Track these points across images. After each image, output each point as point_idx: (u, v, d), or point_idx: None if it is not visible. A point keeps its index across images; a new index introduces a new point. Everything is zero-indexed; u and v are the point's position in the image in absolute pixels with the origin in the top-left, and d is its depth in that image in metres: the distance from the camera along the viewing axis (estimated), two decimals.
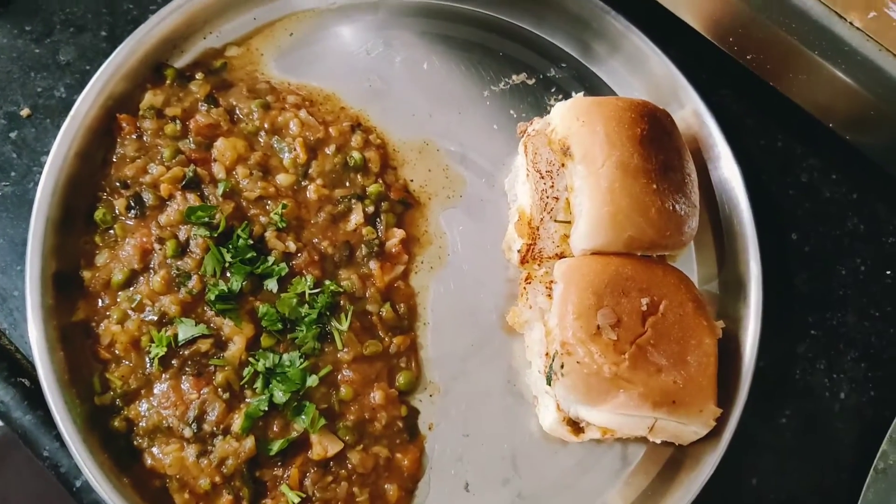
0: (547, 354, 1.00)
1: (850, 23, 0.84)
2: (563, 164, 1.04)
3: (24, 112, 1.16)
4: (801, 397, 1.12)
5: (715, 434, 0.99)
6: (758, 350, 1.04)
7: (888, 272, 1.18)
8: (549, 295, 1.02)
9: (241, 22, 1.21)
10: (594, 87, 1.24)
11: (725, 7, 0.95)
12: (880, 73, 0.83)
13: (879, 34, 0.82)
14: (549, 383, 0.98)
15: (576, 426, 1.00)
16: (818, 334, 1.15)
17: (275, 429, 0.98)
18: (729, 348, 1.06)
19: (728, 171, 1.13)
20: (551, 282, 1.02)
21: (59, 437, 0.97)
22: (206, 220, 1.04)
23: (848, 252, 1.19)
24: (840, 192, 1.22)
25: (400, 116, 1.20)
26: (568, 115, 1.04)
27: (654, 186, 0.99)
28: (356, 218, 1.10)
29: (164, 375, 0.99)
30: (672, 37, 1.16)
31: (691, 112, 1.16)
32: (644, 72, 1.20)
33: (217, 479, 0.95)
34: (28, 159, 1.14)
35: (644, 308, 0.96)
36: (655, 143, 1.02)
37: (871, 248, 1.19)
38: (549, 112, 1.11)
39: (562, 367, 0.95)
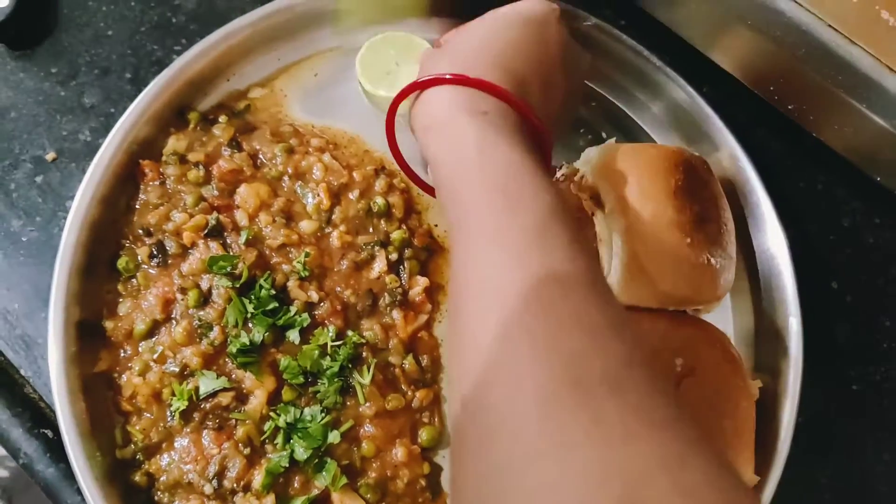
0: None
1: None
2: (592, 213, 1.01)
3: (50, 156, 1.16)
4: (841, 458, 1.07)
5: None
6: (798, 407, 1.00)
7: None
8: None
9: (264, 62, 1.20)
10: (624, 126, 1.20)
11: (765, 55, 0.91)
12: None
13: None
14: None
15: None
16: (861, 389, 1.10)
17: (296, 486, 0.96)
18: (766, 405, 1.01)
19: (767, 217, 1.09)
20: None
21: (80, 491, 0.96)
22: (229, 269, 1.02)
23: (892, 302, 1.13)
24: (884, 238, 1.16)
25: (423, 160, 1.17)
26: (599, 163, 1.01)
27: (689, 240, 0.95)
28: (380, 265, 1.08)
29: (185, 429, 0.97)
30: (705, 74, 1.12)
31: (727, 155, 1.12)
32: (676, 111, 1.16)
33: None
34: (53, 204, 1.14)
35: (678, 369, 0.92)
36: (690, 194, 0.98)
37: None
38: (578, 154, 1.08)
39: None
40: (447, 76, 0.73)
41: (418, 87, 0.78)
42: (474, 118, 0.70)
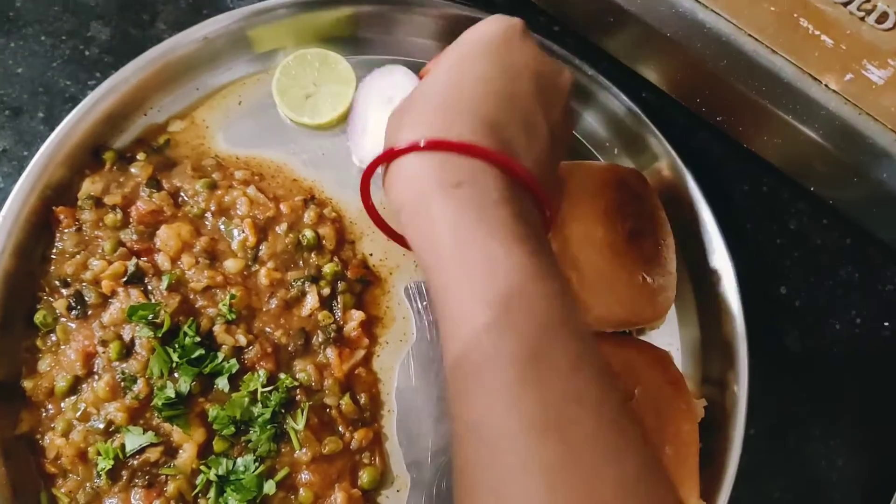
0: None
1: (826, 85, 0.76)
2: None
3: None
4: (795, 468, 1.05)
5: None
6: (746, 418, 0.97)
7: (886, 323, 1.10)
8: None
9: (182, 93, 1.14)
10: None
11: (688, 68, 0.87)
12: (861, 138, 0.75)
13: (858, 97, 0.74)
14: None
15: None
16: (812, 396, 1.08)
17: None
18: (715, 417, 0.99)
19: (708, 226, 1.05)
20: None
21: None
22: (150, 318, 0.98)
23: (842, 304, 1.11)
24: (832, 239, 1.13)
25: (356, 184, 1.10)
26: None
27: (622, 259, 0.92)
28: (311, 302, 1.03)
29: (113, 489, 0.93)
30: (644, 84, 1.09)
31: (666, 164, 1.08)
32: (614, 123, 1.12)
33: None
34: None
35: None
36: (622, 211, 0.94)
37: (868, 298, 1.11)
38: None
39: None
40: (414, 143, 0.62)
41: (384, 159, 0.67)
42: (448, 197, 0.59)
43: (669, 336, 1.06)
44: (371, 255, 1.10)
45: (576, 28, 1.02)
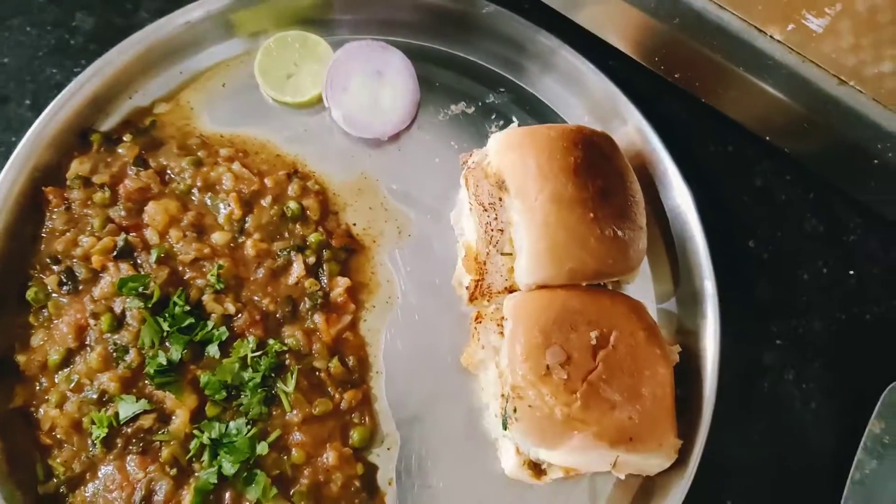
0: (502, 396, 0.96)
1: (771, 36, 0.80)
2: (500, 198, 1.01)
3: None
4: (771, 411, 1.09)
5: (682, 461, 0.96)
6: (720, 365, 1.01)
7: (851, 272, 1.15)
8: (501, 333, 0.98)
9: (167, 77, 1.18)
10: (535, 110, 1.20)
11: (646, 28, 0.92)
12: (807, 84, 0.80)
13: (801, 46, 0.79)
14: (505, 427, 0.95)
15: (537, 468, 0.96)
16: (784, 343, 1.12)
17: (227, 502, 0.94)
18: (690, 367, 1.03)
19: (676, 185, 1.10)
20: (502, 318, 0.99)
21: None
22: (140, 290, 1.00)
23: (809, 255, 1.15)
24: (796, 193, 1.18)
25: (338, 158, 1.16)
26: (500, 148, 1.01)
27: (592, 215, 0.96)
28: (297, 270, 1.07)
29: (108, 456, 0.95)
30: (610, 50, 1.13)
31: (634, 128, 1.13)
32: (582, 90, 1.17)
33: None
34: None
35: (594, 342, 0.93)
36: (592, 170, 0.98)
37: (832, 248, 1.16)
38: (488, 142, 1.08)
39: (515, 410, 0.91)
40: None
41: None
42: None
43: (644, 291, 1.10)
44: (354, 224, 1.14)
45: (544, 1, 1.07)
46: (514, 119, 1.19)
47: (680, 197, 1.09)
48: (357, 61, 1.17)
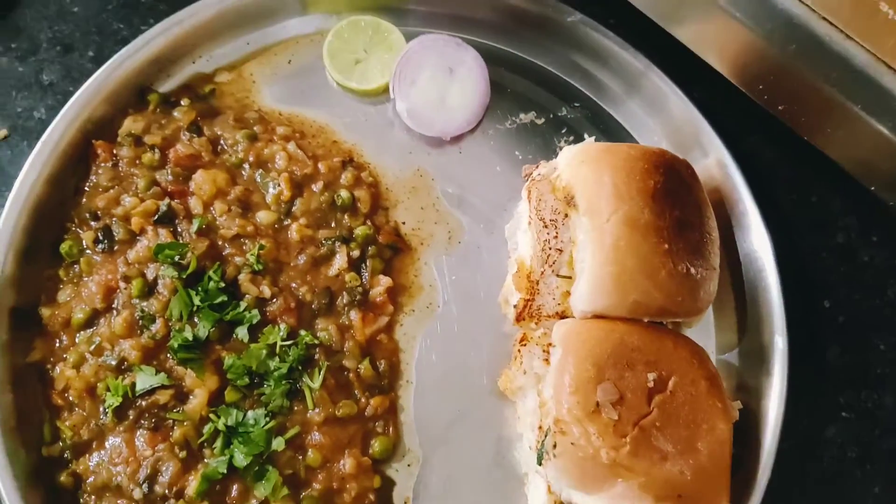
0: (540, 428, 0.89)
1: None
2: (566, 215, 0.94)
3: (1, 133, 1.10)
4: (828, 489, 0.99)
5: None
6: (782, 431, 0.93)
7: None
8: (546, 360, 0.91)
9: (233, 46, 1.14)
10: (610, 130, 1.14)
11: (755, 51, 0.84)
12: None
13: None
14: (539, 462, 0.87)
15: None
16: (850, 417, 1.02)
17: (233, 494, 0.89)
18: (748, 428, 0.94)
19: (755, 229, 1.02)
20: (549, 345, 0.91)
21: None
22: (176, 258, 0.96)
23: (888, 324, 1.06)
24: (880, 257, 1.09)
25: (396, 152, 1.11)
26: (574, 162, 0.94)
27: (667, 246, 0.88)
28: (340, 262, 1.01)
29: (118, 427, 0.90)
30: (696, 78, 1.06)
31: (715, 162, 1.05)
32: (664, 116, 1.10)
33: None
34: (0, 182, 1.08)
35: (651, 384, 0.85)
36: (671, 198, 0.91)
37: None
38: (557, 156, 1.02)
39: (554, 446, 0.84)
40: None
41: None
42: None
43: (706, 338, 1.02)
44: (404, 223, 1.08)
45: (635, 16, 1.01)
46: (586, 136, 1.12)
47: (758, 241, 1.01)
48: (430, 55, 1.12)
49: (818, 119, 0.86)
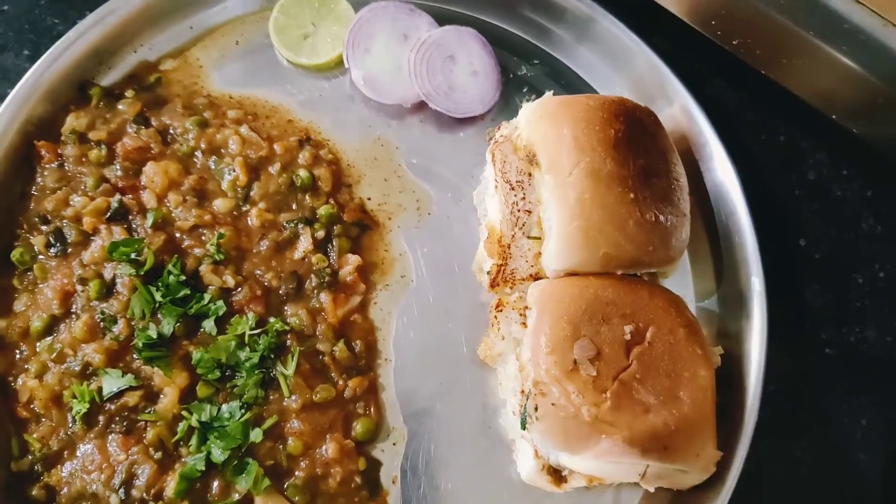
0: (522, 392, 0.87)
1: None
2: (530, 174, 0.92)
3: None
4: (817, 425, 0.99)
5: (719, 477, 0.86)
6: (765, 373, 0.91)
7: None
8: (524, 323, 0.89)
9: (175, 32, 1.10)
10: (572, 85, 1.11)
11: None
12: (887, 52, 0.70)
13: (885, 8, 0.69)
14: (523, 427, 0.85)
15: (557, 475, 0.87)
16: (834, 353, 1.02)
17: (214, 491, 0.86)
18: (732, 373, 0.93)
19: (723, 172, 1.00)
20: (525, 308, 0.90)
21: None
22: (132, 255, 0.92)
23: (865, 257, 1.05)
24: (853, 190, 1.08)
25: (355, 126, 1.08)
26: (533, 118, 0.92)
27: (633, 195, 0.86)
28: (304, 244, 0.98)
29: (88, 434, 0.87)
30: (656, 26, 1.04)
31: (680, 109, 1.03)
32: (626, 67, 1.07)
33: None
34: None
35: (628, 337, 0.83)
36: (634, 146, 0.89)
37: (891, 250, 1.05)
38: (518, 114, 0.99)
39: (536, 409, 0.82)
40: None
41: None
42: None
43: (684, 287, 1.01)
44: (369, 198, 1.05)
45: None
46: (549, 92, 1.09)
47: (728, 184, 0.99)
48: (382, 22, 1.08)
49: (773, 50, 0.84)
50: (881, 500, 0.94)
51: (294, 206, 1.01)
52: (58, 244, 0.95)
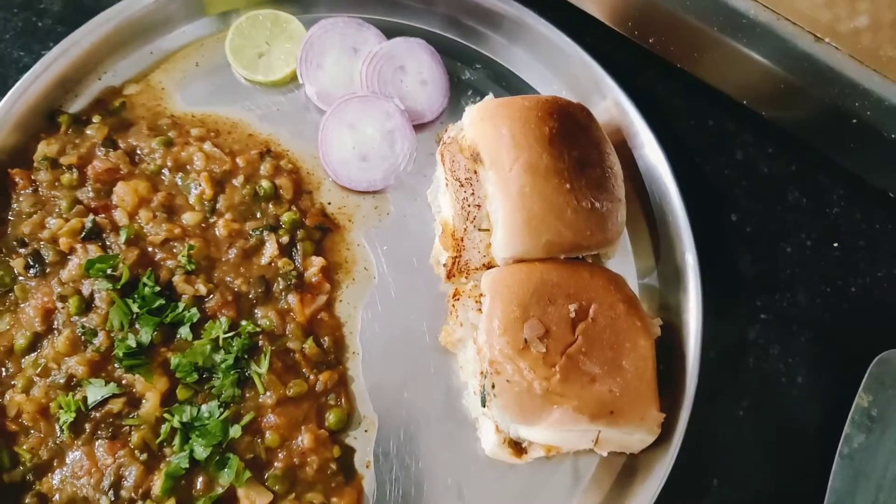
0: (481, 373, 0.94)
1: None
2: (475, 171, 0.99)
3: None
4: (756, 386, 1.07)
5: (665, 438, 0.94)
6: (704, 341, 0.99)
7: (835, 244, 1.13)
8: (480, 310, 0.96)
9: (137, 58, 1.16)
10: (511, 85, 1.18)
11: None
12: (783, 43, 0.78)
13: (775, 3, 0.77)
14: (483, 405, 0.93)
15: (518, 447, 0.94)
16: (769, 318, 1.10)
17: (199, 487, 0.92)
18: (673, 343, 1.01)
19: (654, 157, 1.08)
20: (480, 295, 0.97)
21: None
22: (108, 271, 0.98)
23: (792, 228, 1.14)
24: (778, 166, 1.17)
25: (312, 136, 1.14)
26: (476, 120, 0.99)
27: (568, 186, 0.94)
28: (270, 250, 1.04)
29: (76, 442, 0.93)
30: (586, 27, 1.12)
31: (612, 102, 1.11)
32: (560, 65, 1.15)
33: None
34: None
35: (573, 315, 0.91)
36: (567, 140, 0.96)
37: (816, 221, 1.14)
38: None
39: (493, 387, 0.89)
40: None
41: None
42: None
43: (626, 266, 1.08)
44: (329, 203, 1.11)
45: None
46: (491, 94, 1.16)
47: (660, 168, 1.07)
48: (332, 38, 1.15)
49: (684, 46, 0.92)
50: (819, 452, 1.02)
51: (258, 215, 1.07)
52: (36, 265, 1.00)
